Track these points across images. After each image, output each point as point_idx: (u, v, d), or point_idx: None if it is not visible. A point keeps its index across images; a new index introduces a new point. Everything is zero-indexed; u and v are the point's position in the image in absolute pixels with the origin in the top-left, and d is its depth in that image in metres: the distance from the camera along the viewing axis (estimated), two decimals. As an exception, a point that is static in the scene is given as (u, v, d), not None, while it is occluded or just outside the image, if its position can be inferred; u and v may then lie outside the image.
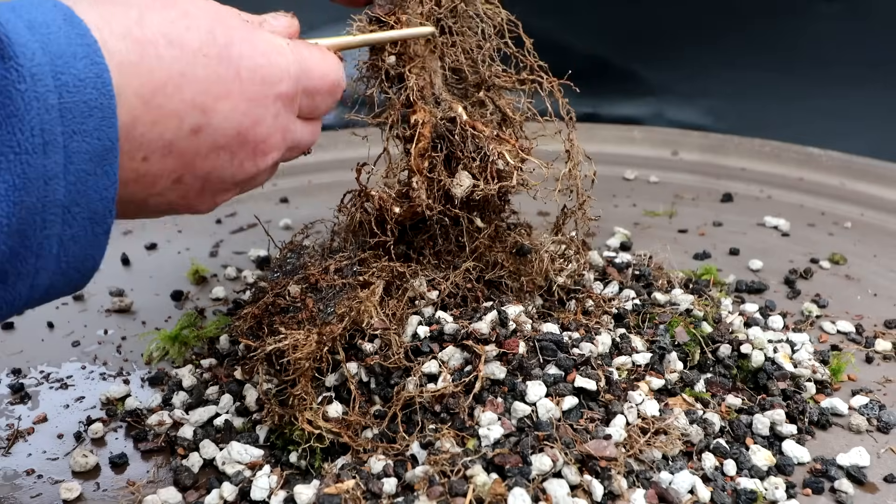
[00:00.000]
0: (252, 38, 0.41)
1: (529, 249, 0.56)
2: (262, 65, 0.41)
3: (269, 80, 0.42)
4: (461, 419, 0.46)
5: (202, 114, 0.39)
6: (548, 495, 0.42)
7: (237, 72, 0.40)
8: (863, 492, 0.47)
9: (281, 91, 0.42)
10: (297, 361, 0.47)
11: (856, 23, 1.07)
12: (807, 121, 1.09)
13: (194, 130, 0.39)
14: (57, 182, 0.33)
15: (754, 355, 0.54)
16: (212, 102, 0.39)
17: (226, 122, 0.40)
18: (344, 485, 0.43)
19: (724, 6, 1.13)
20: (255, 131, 0.42)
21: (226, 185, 0.43)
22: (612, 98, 1.18)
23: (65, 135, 0.33)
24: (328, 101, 0.47)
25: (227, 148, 0.41)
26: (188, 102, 0.38)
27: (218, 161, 0.41)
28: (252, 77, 0.41)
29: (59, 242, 0.34)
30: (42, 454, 0.51)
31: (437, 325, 0.50)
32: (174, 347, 0.60)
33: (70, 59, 0.34)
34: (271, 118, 0.42)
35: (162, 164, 0.38)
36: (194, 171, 0.40)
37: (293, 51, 0.44)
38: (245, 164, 0.43)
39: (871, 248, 0.78)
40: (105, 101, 0.34)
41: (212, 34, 0.39)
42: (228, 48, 0.40)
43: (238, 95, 0.40)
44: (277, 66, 0.42)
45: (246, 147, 0.42)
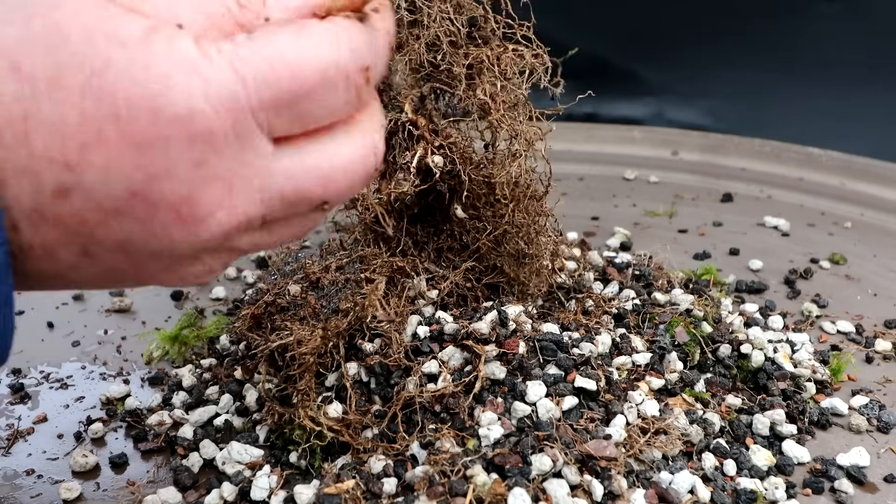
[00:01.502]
0: (144, 54, 0.28)
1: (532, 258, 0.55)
2: (155, 94, 0.28)
3: (168, 113, 0.28)
4: (461, 419, 0.46)
5: (65, 170, 0.28)
6: (548, 495, 0.42)
7: (113, 107, 0.28)
8: (863, 492, 0.47)
9: (196, 128, 0.29)
10: (302, 357, 0.47)
11: (856, 23, 1.07)
12: (807, 121, 1.09)
13: (59, 192, 0.28)
14: None
15: (754, 355, 0.54)
16: (76, 154, 0.28)
17: (105, 179, 0.28)
18: (344, 485, 0.43)
19: (724, 6, 1.13)
20: (162, 189, 0.29)
21: (166, 259, 0.32)
22: (612, 98, 1.18)
23: None
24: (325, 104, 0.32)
25: (125, 214, 0.29)
26: (40, 156, 0.27)
27: (124, 230, 0.30)
28: (136, 113, 0.28)
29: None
30: (42, 454, 0.51)
31: (437, 325, 0.50)
32: (174, 347, 0.60)
33: None
34: (186, 168, 0.29)
35: (41, 236, 0.29)
36: (98, 242, 0.30)
37: (229, 56, 0.29)
38: (172, 232, 0.30)
39: (871, 248, 0.78)
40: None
41: (78, 55, 0.28)
42: (100, 75, 0.28)
43: (117, 141, 0.28)
44: (182, 92, 0.28)
45: (157, 212, 0.29)
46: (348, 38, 0.32)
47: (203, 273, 0.34)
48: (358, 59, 0.32)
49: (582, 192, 0.93)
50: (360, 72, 0.32)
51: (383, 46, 0.34)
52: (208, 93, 0.29)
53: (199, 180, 0.29)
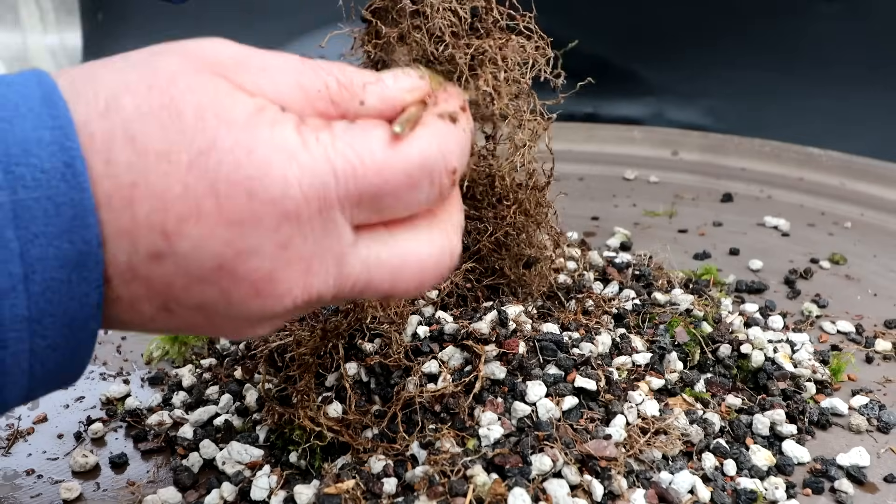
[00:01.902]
0: (248, 137, 0.30)
1: (535, 262, 0.55)
2: (253, 176, 0.30)
3: (263, 196, 0.30)
4: (461, 419, 0.46)
5: (162, 238, 0.29)
6: (548, 495, 0.42)
7: (214, 185, 0.29)
8: (863, 492, 0.47)
9: (287, 210, 0.30)
10: (301, 357, 0.47)
11: (856, 23, 1.07)
12: (807, 121, 1.09)
13: (153, 257, 0.30)
14: (15, 296, 0.27)
15: (754, 355, 0.54)
16: (174, 225, 0.29)
17: (197, 250, 0.30)
18: (344, 485, 0.43)
19: (724, 6, 1.13)
20: (247, 265, 0.31)
21: (240, 322, 0.33)
22: (612, 98, 1.18)
23: (21, 240, 0.27)
24: (408, 202, 0.33)
25: (209, 282, 0.31)
26: (141, 222, 0.29)
27: (205, 296, 0.31)
28: (234, 192, 0.30)
29: (31, 355, 0.29)
30: (42, 454, 0.51)
31: (437, 325, 0.50)
32: (174, 347, 0.60)
33: (33, 146, 0.27)
34: (272, 248, 0.31)
35: (130, 291, 0.31)
36: (178, 301, 0.31)
37: (325, 146, 0.31)
38: (249, 305, 0.32)
39: (871, 248, 0.78)
40: (76, 196, 0.28)
41: (189, 132, 0.30)
42: (205, 154, 0.29)
43: (213, 217, 0.30)
44: (278, 177, 0.30)
45: (239, 285, 0.31)
46: (440, 141, 0.33)
47: (267, 331, 0.35)
48: (448, 162, 0.33)
49: (582, 192, 0.93)
50: (448, 174, 0.34)
51: (468, 147, 0.35)
52: (302, 180, 0.30)
53: (282, 261, 0.31)
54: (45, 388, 0.31)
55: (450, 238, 0.36)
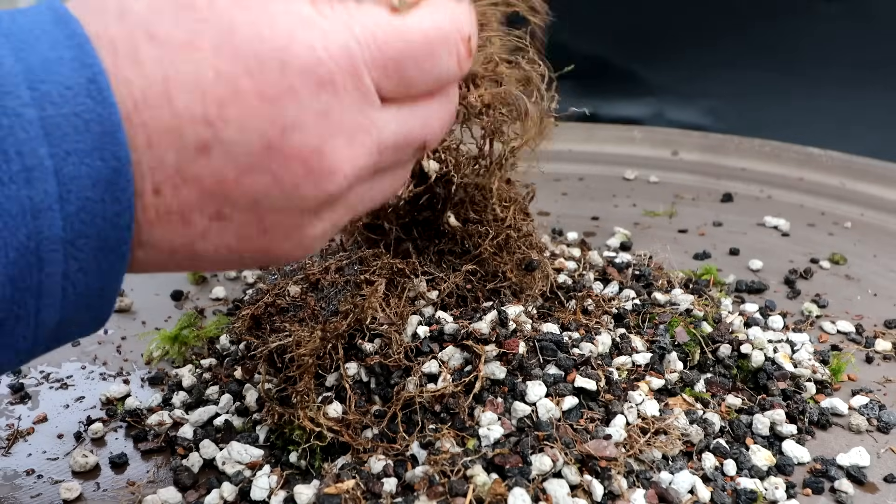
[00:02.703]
0: (264, 12, 0.31)
1: (538, 265, 0.55)
2: (281, 48, 0.30)
3: (295, 66, 0.30)
4: (461, 419, 0.46)
5: (206, 126, 0.30)
6: (548, 495, 0.42)
7: (244, 64, 0.30)
8: (863, 492, 0.47)
9: (321, 76, 0.31)
10: (301, 358, 0.47)
11: (856, 23, 1.07)
12: (807, 121, 1.09)
13: (201, 149, 0.30)
14: (51, 215, 0.27)
15: (754, 355, 0.54)
16: (215, 110, 0.30)
17: (242, 133, 0.30)
18: (344, 485, 0.43)
19: (724, 7, 1.13)
20: (293, 140, 0.31)
21: (293, 215, 0.33)
22: (612, 98, 1.19)
23: (54, 157, 0.27)
24: (434, 68, 0.34)
25: (260, 168, 0.31)
26: (182, 114, 0.29)
27: (257, 185, 0.31)
28: (266, 67, 0.30)
29: (64, 277, 0.29)
30: (42, 454, 0.51)
31: (437, 325, 0.50)
32: (174, 347, 0.60)
33: (54, 65, 0.27)
34: (314, 118, 0.31)
35: (181, 197, 0.31)
36: (232, 201, 0.31)
37: (341, 15, 0.32)
38: (301, 186, 0.32)
39: (871, 248, 0.78)
40: (104, 112, 0.28)
41: (204, 18, 0.30)
42: (230, 33, 0.30)
43: (252, 95, 0.30)
44: (305, 45, 0.31)
45: (289, 164, 0.31)
46: (451, 10, 0.34)
47: (318, 237, 0.35)
48: (461, 29, 0.34)
49: (582, 192, 0.93)
50: (463, 41, 0.35)
51: (475, 18, 0.36)
52: (327, 45, 0.31)
53: (325, 132, 0.31)
54: (75, 317, 0.31)
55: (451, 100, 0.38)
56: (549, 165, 0.53)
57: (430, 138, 0.37)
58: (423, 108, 0.35)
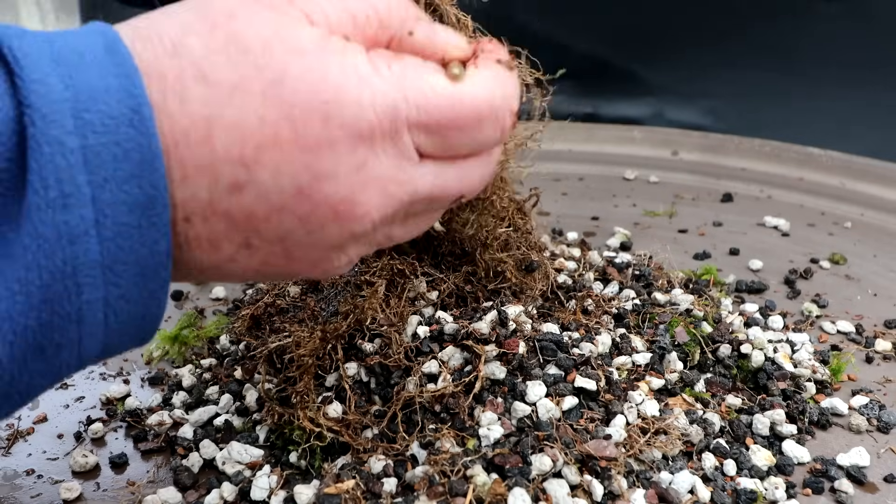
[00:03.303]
0: (320, 64, 0.31)
1: (538, 266, 0.55)
2: (328, 101, 0.31)
3: (338, 119, 0.31)
4: (461, 419, 0.46)
5: (242, 168, 0.30)
6: (548, 495, 0.42)
7: (288, 113, 0.30)
8: (863, 492, 0.47)
9: (361, 131, 0.32)
10: (300, 358, 0.47)
11: (856, 23, 1.07)
12: (807, 121, 1.09)
13: (234, 188, 0.31)
14: (87, 240, 0.28)
15: (754, 355, 0.54)
16: (252, 153, 0.30)
17: (275, 177, 0.31)
18: (344, 485, 0.43)
19: (725, 7, 1.13)
20: (325, 189, 0.32)
21: (318, 250, 0.34)
22: (612, 98, 1.18)
23: (92, 185, 0.28)
24: (479, 136, 0.35)
25: (289, 210, 0.32)
26: (220, 155, 0.30)
27: (285, 225, 0.32)
28: (310, 118, 0.31)
29: (105, 304, 0.30)
30: (42, 454, 0.51)
31: (437, 325, 0.50)
32: (174, 347, 0.60)
33: (100, 94, 0.28)
34: (348, 170, 0.32)
35: (210, 227, 0.32)
36: (259, 234, 0.32)
37: (396, 75, 0.33)
38: (327, 229, 0.33)
39: (871, 248, 0.78)
40: (144, 141, 0.29)
41: (258, 64, 0.30)
42: (279, 83, 0.30)
43: (290, 143, 0.31)
44: (352, 100, 0.31)
45: (318, 209, 0.32)
46: (503, 82, 0.35)
47: (345, 264, 0.36)
48: (510, 103, 0.35)
49: (582, 192, 0.93)
50: (511, 114, 0.36)
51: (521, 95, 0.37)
52: (374, 102, 0.32)
53: (358, 183, 0.32)
54: (118, 344, 0.32)
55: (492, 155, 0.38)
56: (549, 165, 0.53)
57: (467, 192, 0.37)
58: (462, 167, 0.36)
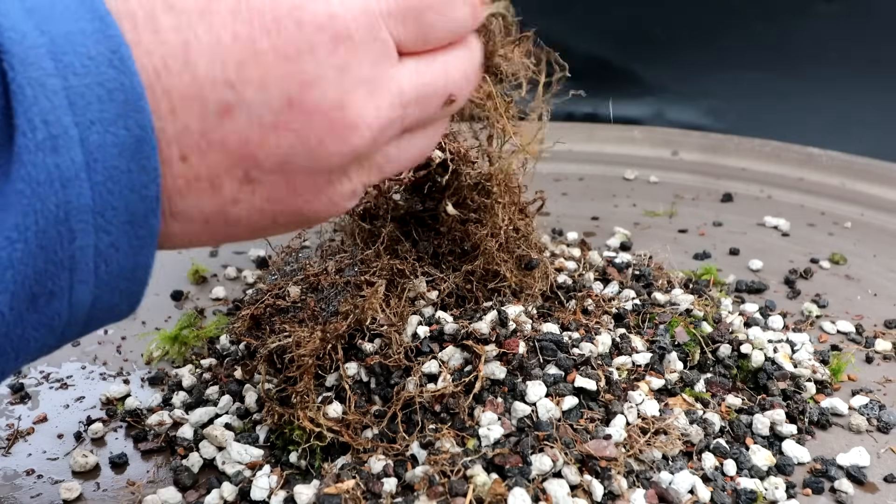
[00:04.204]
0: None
1: (537, 264, 0.55)
2: (297, 5, 0.31)
3: (311, 23, 0.31)
4: (461, 419, 0.46)
5: (227, 88, 0.30)
6: (548, 495, 0.42)
7: (262, 25, 0.30)
8: (863, 492, 0.47)
9: (338, 31, 0.31)
10: (301, 358, 0.47)
11: (856, 23, 1.07)
12: (807, 121, 1.09)
13: (224, 112, 0.31)
14: (79, 184, 0.28)
15: (754, 355, 0.54)
16: (235, 71, 0.30)
17: (262, 92, 0.31)
18: (344, 485, 0.43)
19: (724, 7, 1.13)
20: (314, 96, 0.31)
21: (321, 174, 0.34)
22: (612, 98, 1.18)
23: (79, 126, 0.28)
24: (450, 17, 0.35)
25: (283, 126, 0.31)
26: (203, 79, 0.30)
27: (282, 145, 0.32)
28: (283, 25, 0.31)
29: (96, 252, 0.29)
30: (42, 454, 0.51)
31: (437, 325, 0.50)
32: (174, 347, 0.60)
33: (77, 37, 0.28)
34: (335, 73, 0.32)
35: (208, 162, 0.31)
36: (259, 163, 0.32)
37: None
38: (326, 142, 0.32)
39: (871, 248, 0.78)
40: (126, 81, 0.28)
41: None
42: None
43: (271, 54, 0.31)
44: (321, 1, 0.31)
45: (312, 119, 0.32)
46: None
47: (349, 194, 0.36)
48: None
49: (582, 192, 0.93)
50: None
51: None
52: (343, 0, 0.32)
53: (345, 85, 0.32)
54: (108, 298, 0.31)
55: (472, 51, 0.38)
56: (549, 165, 0.53)
57: (456, 90, 0.37)
58: (442, 59, 0.36)
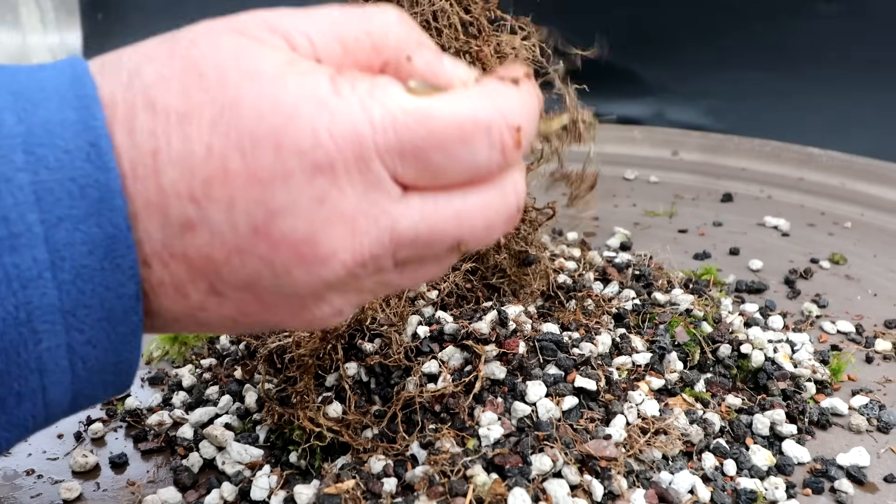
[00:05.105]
0: (275, 88, 0.28)
1: (534, 260, 0.55)
2: (278, 127, 0.27)
3: (291, 148, 0.27)
4: (461, 419, 0.46)
5: (191, 204, 0.28)
6: (548, 495, 0.42)
7: (237, 142, 0.27)
8: (863, 492, 0.47)
9: (318, 161, 0.28)
10: (301, 358, 0.47)
11: (855, 23, 1.07)
12: (807, 121, 1.09)
13: (185, 227, 0.28)
14: (43, 283, 0.26)
15: (754, 355, 0.54)
16: (201, 188, 0.27)
17: (229, 215, 0.28)
18: (344, 485, 0.43)
19: (724, 7, 1.13)
20: (282, 226, 0.28)
21: (293, 298, 0.30)
22: (612, 98, 1.18)
23: (45, 223, 0.26)
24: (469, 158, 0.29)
25: (248, 251, 0.29)
26: (167, 190, 0.27)
27: (248, 269, 0.29)
28: (260, 147, 0.27)
29: (69, 350, 0.28)
30: (42, 454, 0.51)
31: (437, 325, 0.50)
32: (174, 347, 0.60)
33: (56, 127, 0.26)
34: (308, 205, 0.28)
35: (171, 272, 0.29)
36: (223, 279, 0.29)
37: (361, 95, 0.28)
38: (294, 274, 0.29)
39: (871, 248, 0.78)
40: (102, 177, 0.26)
41: (211, 90, 0.28)
42: (231, 109, 0.28)
43: (241, 176, 0.27)
44: (306, 126, 0.28)
45: (278, 249, 0.29)
46: (497, 98, 0.30)
47: (331, 315, 0.32)
48: (508, 119, 0.30)
49: (582, 192, 0.93)
50: (510, 130, 0.30)
51: (535, 108, 0.31)
52: (332, 127, 0.28)
53: (320, 219, 0.28)
54: (91, 392, 0.30)
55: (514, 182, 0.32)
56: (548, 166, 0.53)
57: (470, 238, 0.31)
58: (460, 201, 0.30)
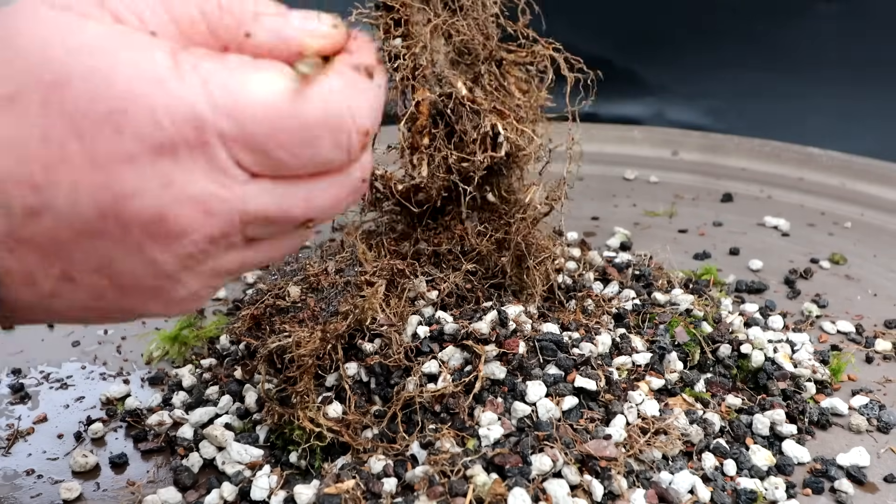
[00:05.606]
0: (108, 64, 0.26)
1: None
2: (116, 109, 0.26)
3: (131, 131, 0.26)
4: (461, 419, 0.46)
5: (32, 191, 0.26)
6: (548, 495, 0.42)
7: (75, 126, 0.26)
8: (863, 492, 0.47)
9: (160, 143, 0.27)
10: (301, 358, 0.47)
11: (855, 23, 1.07)
12: (807, 121, 1.09)
13: (29, 214, 0.27)
14: None
15: (754, 355, 0.54)
16: (42, 174, 0.26)
17: (73, 199, 0.27)
18: (344, 485, 0.43)
19: (724, 7, 1.13)
20: (132, 207, 0.27)
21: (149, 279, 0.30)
22: (612, 98, 1.18)
23: None
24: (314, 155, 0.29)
25: (98, 234, 0.28)
26: (5, 178, 0.26)
27: (100, 251, 0.28)
28: (99, 130, 0.26)
29: None
30: (42, 454, 0.51)
31: (437, 325, 0.50)
32: (174, 347, 0.60)
33: None
34: (155, 187, 0.27)
35: (19, 259, 0.28)
36: (76, 264, 0.28)
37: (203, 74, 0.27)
38: (148, 251, 0.29)
39: (871, 248, 0.78)
40: None
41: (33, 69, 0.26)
42: (62, 87, 0.26)
43: (81, 160, 0.26)
44: (145, 108, 0.26)
45: (129, 230, 0.28)
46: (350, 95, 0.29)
47: (189, 298, 0.32)
48: (357, 121, 0.30)
49: (582, 192, 0.93)
50: (358, 134, 0.30)
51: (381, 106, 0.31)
52: (171, 110, 0.27)
53: (169, 199, 0.28)
54: None
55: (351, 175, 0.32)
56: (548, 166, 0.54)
57: (317, 214, 0.32)
58: (307, 187, 0.31)
